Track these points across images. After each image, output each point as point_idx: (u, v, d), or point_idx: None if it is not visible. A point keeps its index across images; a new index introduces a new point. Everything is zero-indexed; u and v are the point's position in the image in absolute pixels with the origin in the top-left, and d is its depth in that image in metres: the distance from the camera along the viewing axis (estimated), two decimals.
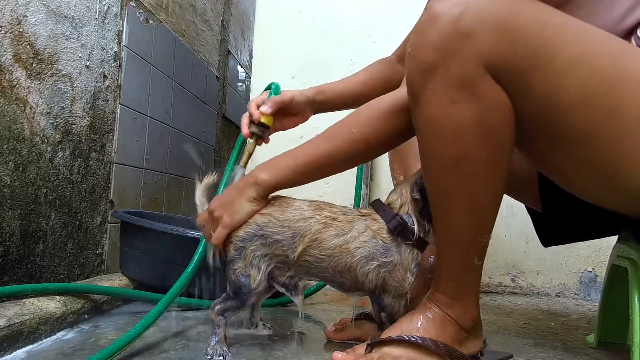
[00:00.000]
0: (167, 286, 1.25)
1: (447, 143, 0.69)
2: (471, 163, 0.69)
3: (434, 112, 0.69)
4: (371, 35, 1.87)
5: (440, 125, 0.69)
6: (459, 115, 0.67)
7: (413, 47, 0.69)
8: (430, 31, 0.66)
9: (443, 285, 0.77)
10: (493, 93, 0.66)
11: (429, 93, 0.68)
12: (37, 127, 1.14)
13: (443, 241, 0.76)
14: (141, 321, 0.87)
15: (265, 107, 0.95)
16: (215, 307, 0.86)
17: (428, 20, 0.67)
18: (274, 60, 1.92)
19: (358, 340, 0.95)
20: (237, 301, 0.86)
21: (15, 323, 0.85)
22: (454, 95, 0.66)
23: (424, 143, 0.73)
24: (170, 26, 1.94)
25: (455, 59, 0.65)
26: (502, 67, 0.65)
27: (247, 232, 0.84)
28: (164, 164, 1.95)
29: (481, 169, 0.69)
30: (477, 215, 0.73)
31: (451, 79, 0.66)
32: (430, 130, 0.71)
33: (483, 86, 0.66)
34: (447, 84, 0.66)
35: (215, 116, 2.63)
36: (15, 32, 1.05)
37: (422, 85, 0.68)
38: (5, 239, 1.04)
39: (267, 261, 0.85)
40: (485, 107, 0.66)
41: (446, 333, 0.76)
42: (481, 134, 0.67)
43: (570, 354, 1.00)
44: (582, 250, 1.75)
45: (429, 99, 0.69)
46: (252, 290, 0.84)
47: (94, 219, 1.41)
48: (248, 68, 3.23)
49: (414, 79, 0.70)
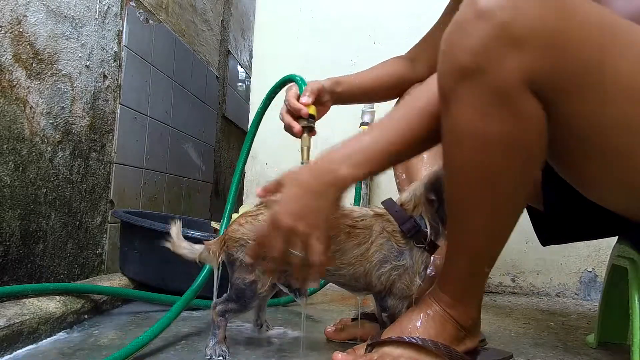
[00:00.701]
0: (167, 286, 1.26)
1: (475, 154, 0.65)
2: (497, 176, 0.66)
3: (463, 121, 0.64)
4: (371, 35, 1.87)
5: (469, 135, 0.64)
6: (490, 129, 0.62)
7: (450, 45, 0.62)
8: (474, 31, 0.59)
9: (448, 286, 0.76)
10: (530, 109, 0.61)
11: (461, 100, 0.63)
12: (37, 127, 1.14)
13: (456, 246, 0.75)
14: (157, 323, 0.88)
15: (305, 98, 0.93)
16: (216, 307, 0.86)
17: (473, 17, 0.59)
18: (274, 60, 1.92)
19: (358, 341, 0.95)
20: (239, 304, 0.85)
21: (15, 323, 0.85)
22: (488, 108, 0.61)
23: (449, 149, 0.69)
24: (170, 26, 1.94)
25: (497, 68, 0.58)
26: (546, 84, 0.59)
27: None
28: (164, 164, 1.95)
29: (507, 182, 0.66)
30: (496, 226, 0.71)
31: (488, 89, 0.60)
32: (457, 138, 0.66)
33: (521, 102, 0.60)
34: (482, 93, 0.61)
35: (215, 116, 2.63)
36: (15, 32, 1.05)
37: (454, 90, 0.63)
38: (5, 239, 1.04)
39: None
40: (520, 123, 0.61)
41: (446, 332, 0.76)
42: (512, 149, 0.63)
43: (570, 354, 1.00)
44: (582, 250, 1.75)
45: (459, 106, 0.64)
46: (257, 295, 0.83)
47: (94, 219, 1.41)
48: (248, 68, 3.23)
49: (446, 81, 0.64)
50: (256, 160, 1.92)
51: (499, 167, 0.65)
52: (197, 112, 2.34)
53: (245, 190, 1.94)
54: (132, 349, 0.80)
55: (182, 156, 2.17)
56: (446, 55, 0.63)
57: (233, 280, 0.84)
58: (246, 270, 0.82)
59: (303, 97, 0.93)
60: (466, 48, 0.60)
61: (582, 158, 0.67)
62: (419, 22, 1.84)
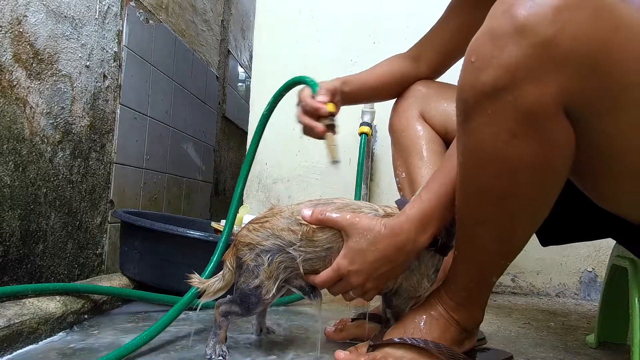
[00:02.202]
0: (167, 286, 1.26)
1: (494, 176, 0.61)
2: (517, 199, 0.62)
3: (485, 141, 0.59)
4: (371, 35, 1.87)
5: (490, 156, 0.59)
6: (515, 151, 0.57)
7: (480, 57, 0.55)
8: (510, 46, 0.52)
9: (453, 291, 0.76)
10: (562, 133, 0.56)
11: (486, 118, 0.57)
12: (37, 127, 1.14)
13: (465, 257, 0.73)
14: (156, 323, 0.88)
15: (322, 97, 0.91)
16: (220, 306, 0.85)
17: (510, 30, 0.52)
18: (274, 60, 1.92)
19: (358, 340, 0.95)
20: (243, 309, 0.84)
21: (15, 323, 0.85)
22: (516, 129, 0.56)
23: (465, 167, 0.64)
24: (170, 26, 1.94)
25: (532, 88, 0.53)
26: (582, 105, 0.54)
27: (276, 245, 0.80)
28: (164, 164, 1.95)
29: (527, 204, 0.63)
30: (510, 243, 0.69)
31: (519, 110, 0.54)
32: (476, 158, 0.62)
33: (554, 125, 0.55)
34: (512, 114, 0.55)
35: (215, 116, 2.63)
36: (15, 32, 1.05)
37: (479, 107, 0.57)
38: (5, 239, 1.04)
39: (288, 272, 0.82)
40: (549, 147, 0.57)
41: (448, 334, 0.76)
42: (536, 172, 0.59)
43: (570, 354, 1.00)
44: (582, 250, 1.75)
45: (482, 125, 0.58)
46: (262, 300, 0.82)
47: (94, 219, 1.41)
48: (248, 68, 3.23)
49: (470, 95, 0.58)
50: (256, 161, 1.92)
51: (522, 190, 0.61)
52: (197, 112, 2.34)
53: (246, 191, 1.94)
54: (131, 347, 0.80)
55: (182, 156, 2.17)
56: (474, 67, 0.56)
57: (239, 284, 0.84)
58: (252, 275, 0.81)
59: (319, 96, 0.91)
60: (499, 64, 0.53)
61: (607, 175, 0.63)
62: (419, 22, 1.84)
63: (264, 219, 0.84)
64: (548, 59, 0.51)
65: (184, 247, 1.26)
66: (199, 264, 1.02)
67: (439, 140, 1.00)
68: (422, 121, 1.00)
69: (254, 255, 0.81)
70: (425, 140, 0.99)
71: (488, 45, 0.54)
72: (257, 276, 0.81)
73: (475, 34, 0.57)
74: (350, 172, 1.74)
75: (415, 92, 1.03)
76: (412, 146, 0.99)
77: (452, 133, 1.00)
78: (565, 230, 0.94)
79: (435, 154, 0.98)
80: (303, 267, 0.80)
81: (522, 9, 0.51)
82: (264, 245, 0.81)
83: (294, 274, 0.83)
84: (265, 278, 0.81)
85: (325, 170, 1.88)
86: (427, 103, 1.00)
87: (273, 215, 0.83)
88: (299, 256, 0.79)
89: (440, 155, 0.98)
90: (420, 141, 0.99)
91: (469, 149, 0.62)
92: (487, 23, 0.56)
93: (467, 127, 0.61)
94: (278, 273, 0.81)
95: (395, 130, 1.03)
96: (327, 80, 0.98)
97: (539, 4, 0.50)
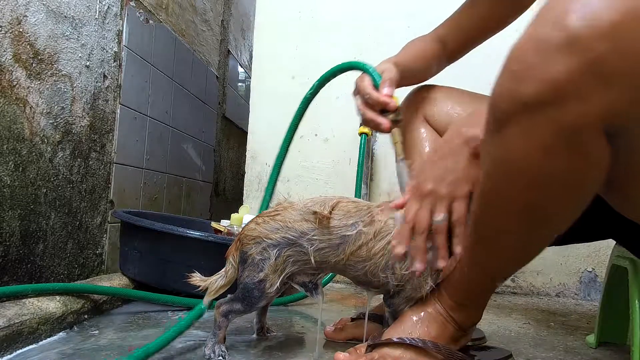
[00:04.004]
0: (167, 286, 1.26)
1: (521, 188, 0.58)
2: (542, 212, 0.60)
3: (516, 153, 0.56)
4: (371, 35, 1.87)
5: (524, 172, 0.57)
6: (547, 166, 0.55)
7: (522, 66, 0.51)
8: (559, 59, 0.48)
9: (454, 292, 0.75)
10: (598, 151, 0.53)
11: (520, 130, 0.54)
12: (37, 127, 1.14)
13: (475, 263, 0.72)
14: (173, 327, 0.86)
15: (388, 89, 0.86)
16: (220, 306, 0.85)
17: (561, 42, 0.48)
18: (274, 60, 1.93)
19: (358, 340, 0.95)
20: (245, 304, 0.83)
21: (15, 323, 0.85)
22: (552, 145, 0.53)
23: (491, 176, 0.62)
24: (170, 26, 1.94)
25: (576, 105, 0.50)
26: (624, 124, 0.51)
27: (286, 238, 0.80)
28: (164, 164, 1.95)
29: (551, 218, 0.61)
30: (526, 253, 0.68)
31: (559, 126, 0.51)
32: (504, 169, 0.59)
33: (591, 143, 0.52)
34: (549, 129, 0.52)
35: (215, 116, 2.63)
36: (15, 32, 1.05)
37: (515, 118, 0.54)
38: (5, 239, 1.04)
39: (294, 266, 0.82)
40: (584, 164, 0.54)
41: (446, 333, 0.76)
42: (566, 188, 0.57)
43: (570, 354, 1.00)
44: (582, 250, 1.75)
45: (515, 136, 0.55)
46: (265, 294, 0.82)
47: (94, 219, 1.42)
48: (248, 68, 3.23)
49: (507, 105, 0.54)
50: (256, 161, 1.92)
51: (548, 204, 0.59)
52: (197, 112, 2.34)
53: (245, 191, 1.94)
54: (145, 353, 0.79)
55: (182, 156, 2.17)
56: (515, 77, 0.52)
57: (242, 278, 0.83)
58: (256, 269, 0.81)
59: (384, 88, 0.86)
60: (544, 77, 0.50)
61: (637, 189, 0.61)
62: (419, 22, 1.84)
63: (274, 212, 0.84)
64: (598, 77, 0.48)
65: (184, 247, 1.26)
66: (199, 264, 1.02)
67: None
68: (426, 124, 1.00)
69: (261, 249, 0.81)
70: (428, 142, 0.99)
71: (534, 55, 0.51)
72: (261, 270, 0.81)
73: (519, 40, 0.53)
74: (350, 172, 1.74)
75: (419, 96, 1.03)
76: (415, 148, 0.99)
77: None
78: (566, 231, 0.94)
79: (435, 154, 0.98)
80: (314, 258, 0.80)
81: (576, 21, 0.47)
82: (272, 238, 0.81)
83: (300, 268, 0.82)
84: (271, 272, 0.81)
85: (325, 170, 1.88)
86: (431, 106, 1.00)
87: (284, 209, 0.83)
88: (312, 246, 0.79)
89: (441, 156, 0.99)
90: (424, 143, 0.99)
91: (498, 158, 0.59)
92: (534, 30, 0.51)
93: (499, 137, 0.58)
94: (284, 267, 0.81)
95: None
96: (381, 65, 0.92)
97: (596, 16, 0.46)
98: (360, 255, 0.79)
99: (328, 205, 0.80)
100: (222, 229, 1.56)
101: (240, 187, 2.00)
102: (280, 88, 1.91)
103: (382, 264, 0.78)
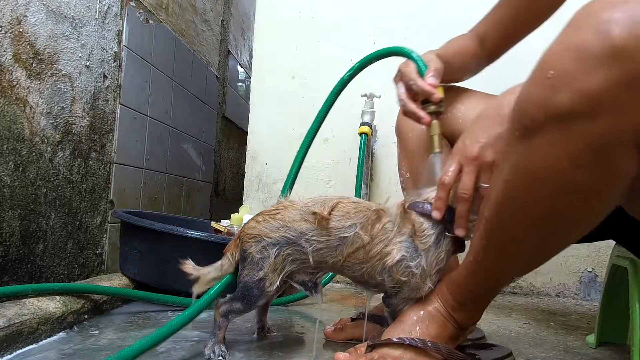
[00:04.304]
0: (167, 286, 1.26)
1: (543, 197, 0.57)
2: (562, 222, 0.59)
3: (543, 162, 0.54)
4: (371, 35, 1.87)
5: (544, 179, 0.55)
6: (574, 178, 0.53)
7: (558, 74, 0.49)
8: (599, 69, 0.46)
9: (457, 292, 0.75)
10: (628, 164, 0.52)
11: (550, 140, 0.52)
12: (37, 127, 1.14)
13: (485, 267, 0.70)
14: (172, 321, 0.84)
15: (433, 79, 0.83)
16: (220, 307, 0.85)
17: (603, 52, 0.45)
18: (274, 60, 1.92)
19: (357, 340, 0.95)
20: (245, 303, 0.83)
21: (15, 323, 0.85)
22: (582, 158, 0.51)
23: (512, 183, 0.60)
24: (170, 26, 1.94)
25: (611, 119, 0.47)
26: None
27: (285, 237, 0.80)
28: (164, 164, 1.95)
29: (569, 228, 0.60)
30: (537, 260, 0.68)
31: (591, 139, 0.49)
32: (527, 177, 0.57)
33: (622, 156, 0.51)
34: (581, 141, 0.50)
35: (215, 116, 2.63)
36: (15, 32, 1.05)
37: (545, 127, 0.52)
38: (5, 239, 1.04)
39: (293, 264, 0.81)
40: (612, 177, 0.53)
41: (445, 332, 0.76)
42: (589, 199, 0.55)
43: (570, 354, 1.00)
44: (582, 250, 1.75)
45: (544, 145, 0.53)
46: (265, 293, 0.82)
47: (94, 219, 1.41)
48: (248, 68, 3.23)
49: (538, 113, 0.52)
50: (256, 161, 1.92)
51: (571, 215, 0.58)
52: (197, 112, 2.34)
53: (245, 191, 1.94)
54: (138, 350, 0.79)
55: (182, 156, 2.17)
56: (550, 84, 0.50)
57: (242, 277, 0.83)
58: (256, 267, 0.81)
59: (429, 77, 0.82)
60: (582, 88, 0.47)
61: None
62: (419, 22, 1.85)
63: (274, 211, 0.84)
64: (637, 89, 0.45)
65: (184, 247, 1.26)
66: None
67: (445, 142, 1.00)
68: None
69: (260, 248, 0.81)
70: None
71: (572, 64, 0.48)
72: (261, 268, 0.81)
73: (555, 45, 0.50)
74: (350, 172, 1.74)
75: None
76: (417, 146, 0.99)
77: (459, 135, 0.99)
78: None
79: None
80: (312, 258, 0.80)
81: (621, 29, 0.44)
82: (271, 237, 0.81)
83: (299, 267, 0.82)
84: (270, 270, 0.81)
85: (325, 170, 1.88)
86: None
87: (285, 208, 0.83)
88: (310, 246, 0.79)
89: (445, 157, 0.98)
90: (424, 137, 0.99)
91: (522, 166, 0.57)
92: (572, 35, 0.48)
93: (526, 144, 0.55)
94: (284, 266, 0.81)
95: (402, 131, 1.03)
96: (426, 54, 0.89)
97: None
98: (358, 258, 0.79)
99: (328, 206, 0.80)
100: (222, 229, 1.56)
101: (240, 187, 2.00)
102: (280, 88, 1.91)
103: (378, 267, 0.78)
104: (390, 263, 0.77)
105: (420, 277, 0.76)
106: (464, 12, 1.84)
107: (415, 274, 0.76)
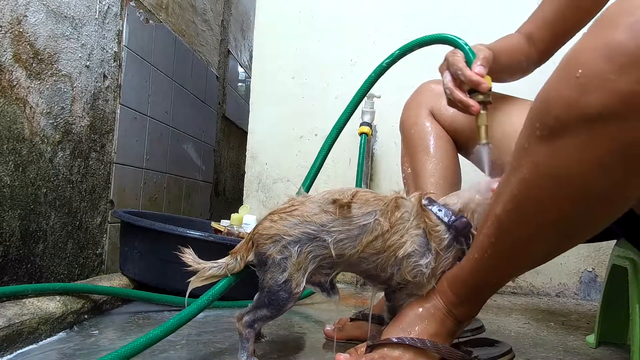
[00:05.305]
0: (167, 286, 1.26)
1: (564, 200, 0.55)
2: (578, 224, 0.58)
3: (567, 165, 0.52)
4: (371, 35, 1.87)
5: (569, 182, 0.53)
6: (596, 181, 0.51)
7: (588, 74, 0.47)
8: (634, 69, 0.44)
9: (459, 288, 0.75)
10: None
11: (575, 142, 0.50)
12: (37, 127, 1.14)
13: (491, 266, 0.70)
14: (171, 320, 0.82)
15: (481, 68, 0.80)
16: (242, 318, 0.79)
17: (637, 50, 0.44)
18: (274, 60, 1.92)
19: (357, 340, 0.95)
20: (272, 309, 0.78)
21: (15, 323, 0.85)
22: (609, 162, 0.49)
23: (529, 183, 0.57)
24: (170, 26, 1.94)
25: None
26: None
27: (305, 233, 0.76)
28: (164, 164, 1.95)
29: (583, 229, 0.59)
30: (544, 259, 0.67)
31: (620, 142, 0.48)
32: (548, 179, 0.55)
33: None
34: (608, 144, 0.48)
35: (215, 116, 2.63)
36: (15, 32, 1.05)
37: (572, 128, 0.50)
38: (5, 239, 1.04)
39: (317, 261, 0.78)
40: (634, 182, 0.51)
41: (444, 328, 0.76)
42: (608, 202, 0.54)
43: (570, 354, 1.00)
44: (582, 250, 1.75)
45: (569, 147, 0.51)
46: (292, 295, 0.77)
47: (94, 219, 1.42)
48: (248, 68, 3.23)
49: (565, 113, 0.49)
50: (256, 161, 1.92)
51: (590, 217, 0.56)
52: (197, 112, 2.34)
53: (245, 191, 1.94)
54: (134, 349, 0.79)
55: (182, 156, 2.17)
56: (579, 84, 0.48)
57: (265, 283, 0.78)
58: (279, 269, 0.76)
59: (477, 66, 0.80)
60: (614, 89, 0.45)
61: None
62: (419, 22, 1.85)
63: (290, 207, 0.79)
64: None
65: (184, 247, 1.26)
66: None
67: (447, 138, 1.00)
68: (432, 118, 1.00)
69: (280, 248, 0.76)
70: (433, 136, 0.99)
71: (603, 64, 0.46)
72: (284, 269, 0.76)
73: (584, 42, 0.48)
74: (350, 172, 1.74)
75: (427, 90, 1.03)
76: (419, 142, 0.99)
77: (462, 132, 0.99)
78: None
79: (442, 151, 0.98)
80: (334, 251, 0.76)
81: None
82: (291, 235, 0.76)
83: (318, 264, 0.78)
84: (294, 270, 0.76)
85: (325, 170, 1.88)
86: (438, 101, 0.99)
87: (301, 203, 0.79)
88: (331, 237, 0.76)
89: (447, 152, 0.98)
90: (428, 137, 0.99)
91: (544, 167, 0.55)
92: (604, 33, 0.46)
93: (549, 145, 0.53)
94: (307, 264, 0.77)
95: (405, 126, 1.03)
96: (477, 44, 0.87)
97: None
98: (375, 247, 0.76)
99: (348, 194, 0.77)
100: (222, 229, 1.56)
101: (240, 187, 2.00)
102: (280, 88, 1.91)
103: (392, 259, 0.76)
104: (402, 254, 0.75)
105: (427, 276, 0.76)
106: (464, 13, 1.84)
107: (424, 273, 0.76)
